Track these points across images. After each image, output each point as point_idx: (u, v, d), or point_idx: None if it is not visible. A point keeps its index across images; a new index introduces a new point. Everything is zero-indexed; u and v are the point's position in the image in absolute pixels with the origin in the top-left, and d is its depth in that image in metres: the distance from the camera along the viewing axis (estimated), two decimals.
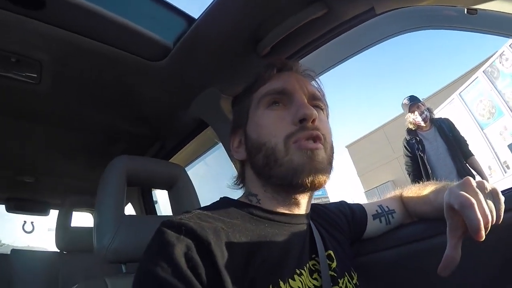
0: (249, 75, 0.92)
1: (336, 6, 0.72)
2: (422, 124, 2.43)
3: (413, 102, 2.46)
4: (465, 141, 2.46)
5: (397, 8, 0.73)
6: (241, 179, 0.60)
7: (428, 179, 2.29)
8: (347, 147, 21.91)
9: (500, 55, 4.86)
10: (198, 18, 0.80)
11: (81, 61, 0.83)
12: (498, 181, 5.47)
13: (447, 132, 2.40)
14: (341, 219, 0.65)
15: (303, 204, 0.54)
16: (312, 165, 0.47)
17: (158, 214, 1.82)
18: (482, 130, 5.57)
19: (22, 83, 0.88)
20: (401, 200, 0.72)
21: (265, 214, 0.51)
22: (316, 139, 0.49)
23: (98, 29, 0.74)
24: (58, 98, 0.98)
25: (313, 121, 0.49)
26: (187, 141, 1.31)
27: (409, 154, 2.48)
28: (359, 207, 0.69)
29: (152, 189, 1.79)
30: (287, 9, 0.73)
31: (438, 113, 6.53)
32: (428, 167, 2.35)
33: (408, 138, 2.51)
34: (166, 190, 0.96)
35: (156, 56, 0.86)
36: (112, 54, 0.81)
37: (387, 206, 0.69)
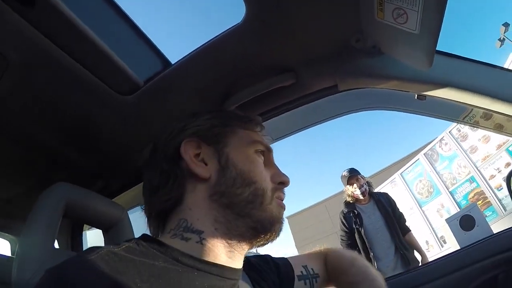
0: None
1: (304, 79, 0.80)
2: (361, 197, 2.37)
3: (353, 175, 2.42)
4: (403, 216, 2.47)
5: (357, 88, 0.82)
6: (173, 203, 0.51)
7: (366, 253, 2.22)
8: (287, 217, 22.15)
9: (440, 140, 5.57)
10: (173, 64, 0.78)
11: (50, 72, 0.77)
12: (435, 255, 5.81)
13: (386, 206, 2.38)
14: (271, 273, 0.65)
15: (241, 258, 0.52)
16: (282, 221, 0.54)
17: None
18: (421, 208, 6.06)
19: None
20: (325, 263, 0.75)
21: (194, 262, 0.45)
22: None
23: (77, 46, 0.70)
24: (9, 104, 0.85)
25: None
26: (133, 184, 1.21)
27: (346, 229, 2.39)
28: (284, 262, 0.71)
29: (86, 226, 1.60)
30: (259, 75, 0.79)
31: (380, 190, 7.01)
32: (366, 240, 2.27)
33: (345, 211, 2.43)
34: (103, 230, 0.88)
35: (124, 90, 0.82)
36: (81, 75, 0.76)
37: (312, 269, 0.72)
